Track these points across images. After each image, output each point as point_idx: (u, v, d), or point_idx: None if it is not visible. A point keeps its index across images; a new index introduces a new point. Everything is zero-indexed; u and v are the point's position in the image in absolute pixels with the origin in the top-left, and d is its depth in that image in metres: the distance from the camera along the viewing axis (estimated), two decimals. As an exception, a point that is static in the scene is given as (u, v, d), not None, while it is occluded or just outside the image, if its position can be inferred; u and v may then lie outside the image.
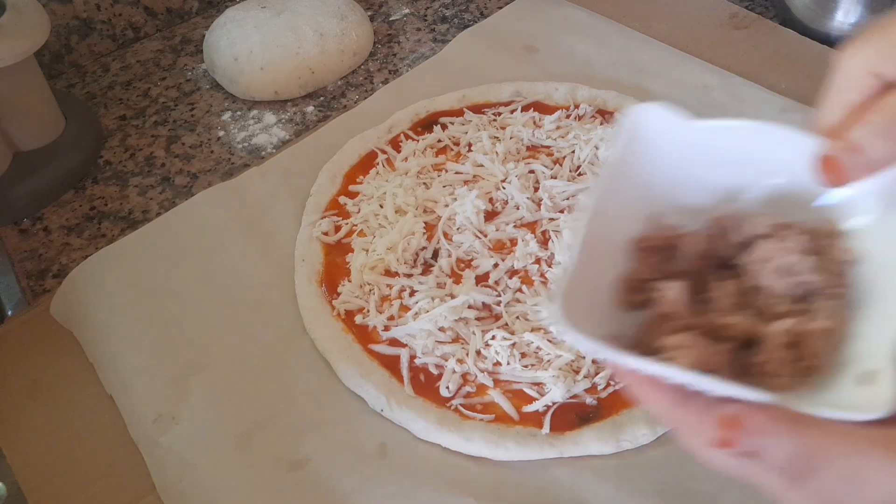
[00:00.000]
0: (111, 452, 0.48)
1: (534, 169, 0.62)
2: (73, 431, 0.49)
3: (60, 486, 0.47)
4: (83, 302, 0.55)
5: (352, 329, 0.53)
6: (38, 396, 0.51)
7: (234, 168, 0.68)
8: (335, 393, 0.50)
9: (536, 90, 0.69)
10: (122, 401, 0.50)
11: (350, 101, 0.74)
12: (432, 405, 0.49)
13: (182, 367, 0.51)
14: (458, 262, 0.56)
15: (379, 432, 0.48)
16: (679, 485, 0.45)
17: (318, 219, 0.60)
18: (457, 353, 0.50)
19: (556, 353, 0.49)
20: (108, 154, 0.70)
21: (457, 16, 0.84)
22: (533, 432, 0.47)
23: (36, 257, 0.61)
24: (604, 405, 0.48)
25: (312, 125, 0.72)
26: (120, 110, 0.74)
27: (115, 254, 0.58)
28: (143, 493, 0.46)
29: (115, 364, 0.52)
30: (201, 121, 0.73)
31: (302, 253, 0.58)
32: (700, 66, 0.73)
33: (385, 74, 0.77)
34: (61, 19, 0.76)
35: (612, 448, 0.46)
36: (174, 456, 0.47)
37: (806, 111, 0.67)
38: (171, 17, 0.84)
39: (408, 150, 0.65)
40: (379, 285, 0.55)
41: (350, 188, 0.62)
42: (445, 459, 0.47)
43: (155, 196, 0.66)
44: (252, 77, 0.72)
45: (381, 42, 0.81)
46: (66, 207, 0.65)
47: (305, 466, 0.47)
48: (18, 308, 0.57)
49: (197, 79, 0.78)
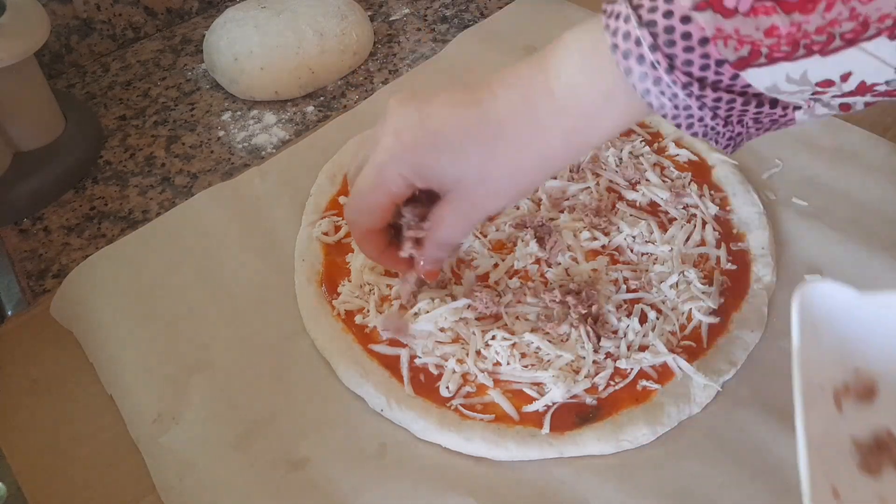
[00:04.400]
0: (111, 452, 0.48)
1: (534, 169, 0.62)
2: (73, 431, 0.49)
3: (60, 486, 0.47)
4: (83, 302, 0.55)
5: (352, 329, 0.53)
6: (38, 396, 0.51)
7: (234, 168, 0.68)
8: (335, 393, 0.50)
9: (536, 90, 0.69)
10: (122, 401, 0.50)
11: (350, 101, 0.74)
12: (432, 405, 0.49)
13: (182, 366, 0.51)
14: (458, 262, 0.56)
15: (379, 432, 0.48)
16: (679, 485, 0.45)
17: (318, 219, 0.60)
18: (457, 354, 0.50)
19: (556, 353, 0.49)
20: (108, 154, 0.70)
21: (457, 16, 0.84)
22: (533, 432, 0.47)
23: (36, 257, 0.61)
24: (604, 405, 0.48)
25: (312, 125, 0.72)
26: (120, 110, 0.74)
27: (115, 254, 0.58)
28: (143, 493, 0.46)
29: (115, 364, 0.52)
30: (201, 121, 0.73)
31: (302, 253, 0.58)
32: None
33: (385, 74, 0.77)
34: (61, 19, 0.76)
35: (612, 448, 0.46)
36: (174, 456, 0.47)
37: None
38: (171, 17, 0.84)
39: (408, 150, 0.65)
40: (379, 285, 0.55)
41: (350, 188, 0.62)
42: (445, 459, 0.47)
43: (155, 196, 0.66)
44: (252, 77, 0.72)
45: (381, 42, 0.81)
46: (66, 207, 0.65)
47: (305, 466, 0.47)
48: (18, 308, 0.57)
49: (197, 79, 0.78)
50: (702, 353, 0.51)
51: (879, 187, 0.61)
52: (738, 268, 0.56)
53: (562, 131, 0.39)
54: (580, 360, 0.49)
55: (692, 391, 0.48)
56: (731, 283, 0.55)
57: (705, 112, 0.35)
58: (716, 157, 0.63)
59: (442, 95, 0.42)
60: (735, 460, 0.46)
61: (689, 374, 0.49)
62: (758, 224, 0.58)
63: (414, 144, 0.41)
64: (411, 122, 0.41)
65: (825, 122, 0.66)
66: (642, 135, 0.66)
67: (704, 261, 0.56)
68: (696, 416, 0.48)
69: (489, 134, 0.40)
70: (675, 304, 0.53)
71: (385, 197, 0.44)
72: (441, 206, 0.44)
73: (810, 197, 0.61)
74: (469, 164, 0.41)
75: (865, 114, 0.68)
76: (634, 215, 0.58)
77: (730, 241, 0.57)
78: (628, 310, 0.52)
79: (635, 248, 0.56)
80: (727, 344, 0.51)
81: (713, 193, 0.61)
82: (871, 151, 0.64)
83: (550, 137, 0.39)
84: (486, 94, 0.40)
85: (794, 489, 0.44)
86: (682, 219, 0.58)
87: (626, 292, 0.53)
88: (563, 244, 0.56)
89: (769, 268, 0.55)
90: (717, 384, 0.49)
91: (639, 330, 0.51)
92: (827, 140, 0.65)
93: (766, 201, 0.61)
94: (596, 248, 0.56)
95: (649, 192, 0.60)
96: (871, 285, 0.54)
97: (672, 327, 0.52)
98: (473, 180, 0.42)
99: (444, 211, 0.44)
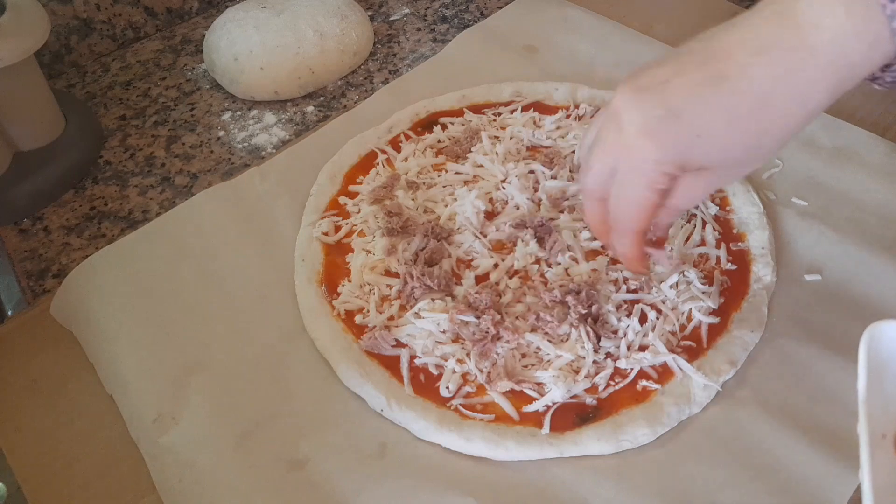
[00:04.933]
0: (111, 452, 0.48)
1: (534, 169, 0.62)
2: (73, 431, 0.49)
3: (60, 486, 0.47)
4: (83, 302, 0.55)
5: (352, 329, 0.53)
6: (38, 396, 0.51)
7: (234, 168, 0.68)
8: (335, 393, 0.50)
9: (536, 90, 0.69)
10: (122, 401, 0.50)
11: (350, 101, 0.74)
12: (432, 405, 0.49)
13: (182, 367, 0.51)
14: (458, 262, 0.56)
15: (379, 432, 0.48)
16: (679, 485, 0.45)
17: (318, 219, 0.60)
18: (457, 353, 0.50)
19: (556, 353, 0.49)
20: (108, 154, 0.70)
21: (457, 16, 0.84)
22: (533, 432, 0.47)
23: (36, 257, 0.61)
24: (604, 405, 0.48)
25: (312, 125, 0.72)
26: (120, 110, 0.74)
27: (115, 254, 0.58)
28: (143, 493, 0.46)
29: (115, 364, 0.52)
30: (201, 121, 0.73)
31: (302, 253, 0.58)
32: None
33: (385, 74, 0.77)
34: (61, 19, 0.76)
35: (612, 448, 0.46)
36: (174, 456, 0.47)
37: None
38: (171, 17, 0.84)
39: (408, 151, 0.65)
40: (379, 285, 0.55)
41: (350, 188, 0.62)
42: (445, 459, 0.47)
43: (155, 196, 0.66)
44: (252, 77, 0.72)
45: (381, 42, 0.81)
46: (66, 207, 0.65)
47: (305, 466, 0.47)
48: (18, 308, 0.57)
49: (197, 79, 0.78)
50: (702, 353, 0.51)
51: (879, 187, 0.61)
52: (738, 268, 0.55)
53: (828, 87, 0.37)
54: (580, 360, 0.49)
55: (692, 391, 0.48)
56: (731, 283, 0.54)
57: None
58: (716, 157, 0.63)
59: (675, 80, 0.39)
60: (735, 460, 0.46)
61: (689, 374, 0.49)
62: (758, 224, 0.58)
63: (675, 142, 0.39)
64: (659, 117, 0.39)
65: (825, 123, 0.66)
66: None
67: (704, 261, 0.56)
68: (696, 416, 0.48)
69: (755, 112, 0.38)
70: (675, 304, 0.53)
71: (656, 197, 0.42)
72: (693, 179, 0.42)
73: (810, 197, 0.61)
74: (735, 146, 0.39)
75: (865, 114, 0.68)
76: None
77: (730, 241, 0.57)
78: (628, 310, 0.52)
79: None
80: (727, 344, 0.51)
81: (713, 193, 0.61)
82: (871, 151, 0.64)
83: (818, 96, 0.37)
84: (733, 67, 0.38)
85: (793, 489, 0.44)
86: (681, 219, 0.58)
87: (626, 292, 0.53)
88: (563, 244, 0.56)
89: (769, 268, 0.55)
90: (717, 384, 0.49)
91: (639, 330, 0.51)
92: (827, 140, 0.65)
93: (766, 201, 0.61)
94: (596, 248, 0.56)
95: (649, 192, 0.60)
96: (871, 285, 0.54)
97: (672, 327, 0.52)
98: (739, 159, 0.40)
99: (697, 183, 0.42)
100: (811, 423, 0.47)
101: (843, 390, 0.49)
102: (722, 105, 0.38)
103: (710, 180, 0.42)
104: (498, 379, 0.49)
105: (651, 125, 0.39)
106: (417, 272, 0.54)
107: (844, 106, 0.68)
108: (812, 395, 0.49)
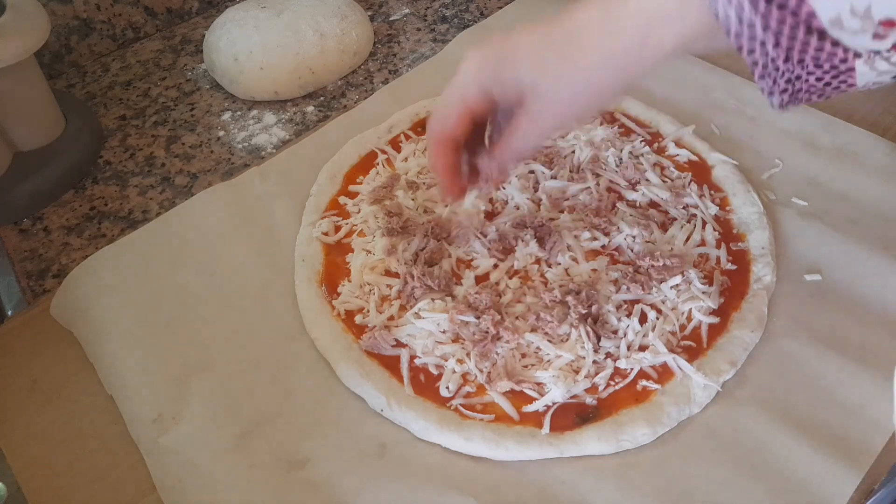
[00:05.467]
0: (111, 452, 0.48)
1: (533, 169, 0.62)
2: (73, 431, 0.49)
3: (60, 486, 0.47)
4: (83, 302, 0.55)
5: (352, 329, 0.53)
6: (38, 396, 0.51)
7: (234, 168, 0.68)
8: (335, 393, 0.50)
9: (536, 90, 0.69)
10: (122, 401, 0.50)
11: (350, 101, 0.74)
12: (432, 405, 0.49)
13: (182, 366, 0.51)
14: (458, 262, 0.56)
15: (379, 432, 0.48)
16: (679, 485, 0.45)
17: (318, 219, 0.60)
18: (457, 354, 0.50)
19: (556, 353, 0.49)
20: (108, 154, 0.70)
21: (457, 16, 0.84)
22: (533, 432, 0.47)
23: (36, 257, 0.61)
24: (604, 405, 0.48)
25: (312, 125, 0.72)
26: (120, 110, 0.74)
27: (115, 254, 0.58)
28: (143, 493, 0.46)
29: (115, 364, 0.52)
30: (201, 121, 0.73)
31: (302, 253, 0.58)
32: (700, 67, 0.73)
33: (385, 74, 0.77)
34: (61, 19, 0.76)
35: (612, 448, 0.46)
36: (174, 456, 0.47)
37: (807, 111, 0.67)
38: (171, 17, 0.84)
39: (408, 151, 0.65)
40: (379, 285, 0.55)
41: (350, 188, 0.62)
42: (445, 459, 0.47)
43: (155, 196, 0.66)
44: (252, 77, 0.72)
45: (381, 42, 0.81)
46: (66, 207, 0.65)
47: (305, 466, 0.47)
48: (18, 308, 0.57)
49: (197, 79, 0.78)
50: (702, 353, 0.51)
51: (879, 187, 0.61)
52: (738, 268, 0.56)
53: (635, 32, 0.40)
54: (580, 360, 0.49)
55: (692, 391, 0.48)
56: (731, 283, 0.54)
57: (768, 36, 0.35)
58: (715, 157, 0.63)
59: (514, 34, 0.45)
60: (735, 460, 0.46)
61: (689, 374, 0.49)
62: (758, 224, 0.58)
63: (494, 57, 0.45)
64: (490, 44, 0.45)
65: (825, 123, 0.66)
66: (642, 135, 0.66)
67: (704, 261, 0.56)
68: (696, 416, 0.48)
69: (564, 42, 0.42)
70: (675, 304, 0.53)
71: (463, 106, 0.47)
72: (517, 116, 0.46)
73: (810, 197, 0.61)
74: (545, 70, 0.43)
75: (865, 114, 0.68)
76: (634, 215, 0.58)
77: (730, 241, 0.57)
78: (628, 310, 0.52)
79: (635, 248, 0.56)
80: (727, 344, 0.51)
81: (713, 193, 0.61)
82: (871, 151, 0.64)
83: (624, 39, 0.40)
84: (563, 13, 0.43)
85: (793, 489, 0.44)
86: (682, 219, 0.58)
87: (626, 292, 0.53)
88: (563, 244, 0.56)
89: (769, 268, 0.55)
90: (717, 384, 0.49)
91: (639, 330, 0.51)
92: (827, 140, 0.65)
93: (766, 201, 0.61)
94: (596, 248, 0.56)
95: (649, 193, 0.60)
96: (871, 285, 0.54)
97: (672, 327, 0.52)
98: (549, 87, 0.43)
99: (520, 120, 0.46)
100: (811, 423, 0.47)
101: (843, 390, 0.49)
102: (540, 35, 0.43)
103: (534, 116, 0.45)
104: (498, 379, 0.49)
105: (482, 49, 0.45)
106: (417, 272, 0.54)
107: (844, 106, 0.68)
108: (812, 395, 0.49)
